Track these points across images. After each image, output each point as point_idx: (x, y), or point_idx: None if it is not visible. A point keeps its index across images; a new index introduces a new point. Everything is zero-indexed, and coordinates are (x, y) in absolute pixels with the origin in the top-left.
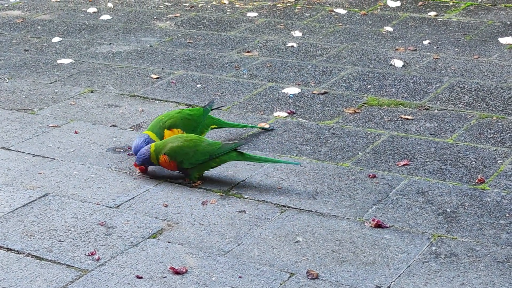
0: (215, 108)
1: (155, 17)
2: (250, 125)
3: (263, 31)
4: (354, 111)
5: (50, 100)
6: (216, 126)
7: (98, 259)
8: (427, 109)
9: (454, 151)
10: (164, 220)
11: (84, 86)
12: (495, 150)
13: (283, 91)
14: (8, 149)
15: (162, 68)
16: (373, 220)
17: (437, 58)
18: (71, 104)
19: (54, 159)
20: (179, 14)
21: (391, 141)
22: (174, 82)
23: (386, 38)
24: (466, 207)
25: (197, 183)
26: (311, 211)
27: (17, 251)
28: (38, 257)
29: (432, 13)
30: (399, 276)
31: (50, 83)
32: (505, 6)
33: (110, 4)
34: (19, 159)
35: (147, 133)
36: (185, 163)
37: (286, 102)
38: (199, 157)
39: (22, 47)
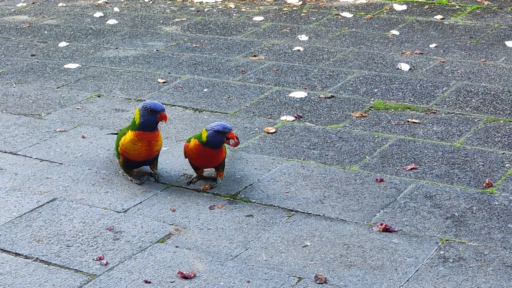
0: None
1: (161, 22)
2: None
3: (269, 35)
4: (361, 115)
5: (57, 105)
6: None
7: (106, 263)
8: (434, 112)
9: (461, 155)
10: (172, 224)
11: (91, 90)
12: (503, 153)
13: (289, 95)
14: (15, 154)
15: (169, 73)
16: (381, 224)
17: (443, 62)
18: (78, 108)
19: (61, 163)
20: (185, 19)
21: (398, 145)
22: (181, 86)
23: (393, 42)
24: (474, 211)
25: (205, 186)
26: (319, 215)
27: (25, 256)
28: (46, 262)
29: (439, 17)
30: (407, 281)
31: (57, 87)
32: (511, 9)
33: (116, 9)
34: (26, 164)
35: None
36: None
37: (293, 106)
38: None
39: (29, 51)
